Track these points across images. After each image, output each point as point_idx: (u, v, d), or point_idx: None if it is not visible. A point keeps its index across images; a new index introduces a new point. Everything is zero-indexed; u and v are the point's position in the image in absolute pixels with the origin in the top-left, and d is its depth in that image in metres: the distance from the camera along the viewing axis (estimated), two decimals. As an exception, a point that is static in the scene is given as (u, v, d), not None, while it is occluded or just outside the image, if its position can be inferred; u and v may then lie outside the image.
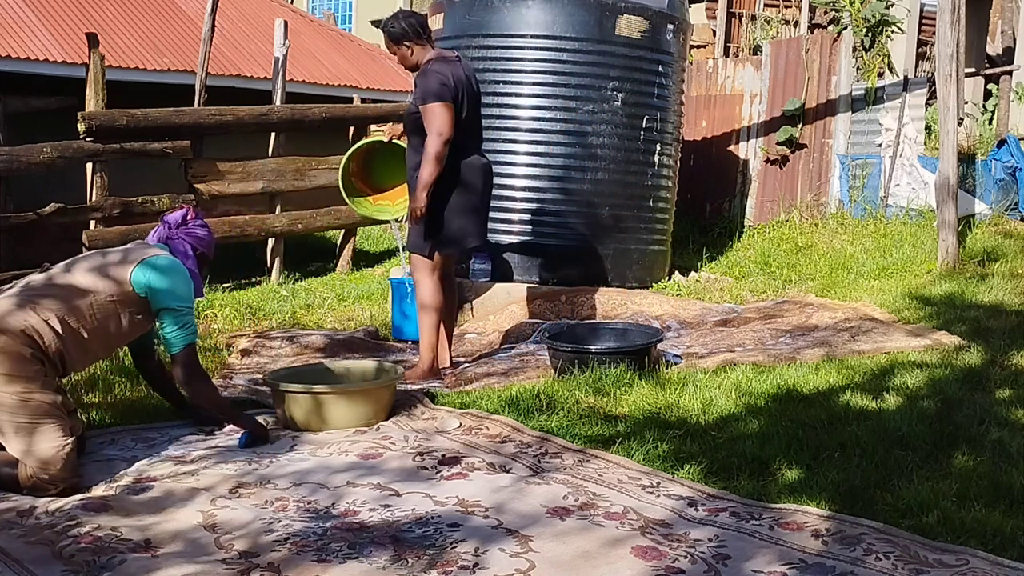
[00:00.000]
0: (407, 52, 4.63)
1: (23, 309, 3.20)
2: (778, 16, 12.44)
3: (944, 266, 6.47)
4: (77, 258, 3.55)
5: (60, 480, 3.08)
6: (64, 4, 9.39)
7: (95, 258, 3.50)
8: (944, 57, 6.64)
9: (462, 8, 6.58)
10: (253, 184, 7.43)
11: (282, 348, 5.30)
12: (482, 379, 4.56)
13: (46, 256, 6.38)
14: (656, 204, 6.79)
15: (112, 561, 2.56)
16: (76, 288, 3.34)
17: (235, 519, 2.86)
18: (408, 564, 2.54)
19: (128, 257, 3.46)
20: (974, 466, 3.15)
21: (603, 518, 2.84)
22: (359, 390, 3.91)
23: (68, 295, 3.30)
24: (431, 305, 4.70)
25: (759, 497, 2.97)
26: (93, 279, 3.37)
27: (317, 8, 20.85)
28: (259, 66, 10.08)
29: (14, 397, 3.09)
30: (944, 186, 6.64)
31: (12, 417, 3.10)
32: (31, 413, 3.11)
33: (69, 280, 3.37)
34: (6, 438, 3.13)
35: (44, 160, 6.26)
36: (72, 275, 3.39)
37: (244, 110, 7.43)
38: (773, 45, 9.38)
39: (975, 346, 4.65)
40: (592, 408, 3.88)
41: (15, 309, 3.20)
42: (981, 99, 11.03)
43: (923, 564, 2.49)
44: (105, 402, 4.17)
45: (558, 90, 6.39)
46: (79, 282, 3.36)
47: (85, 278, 3.37)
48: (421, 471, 3.28)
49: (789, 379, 4.21)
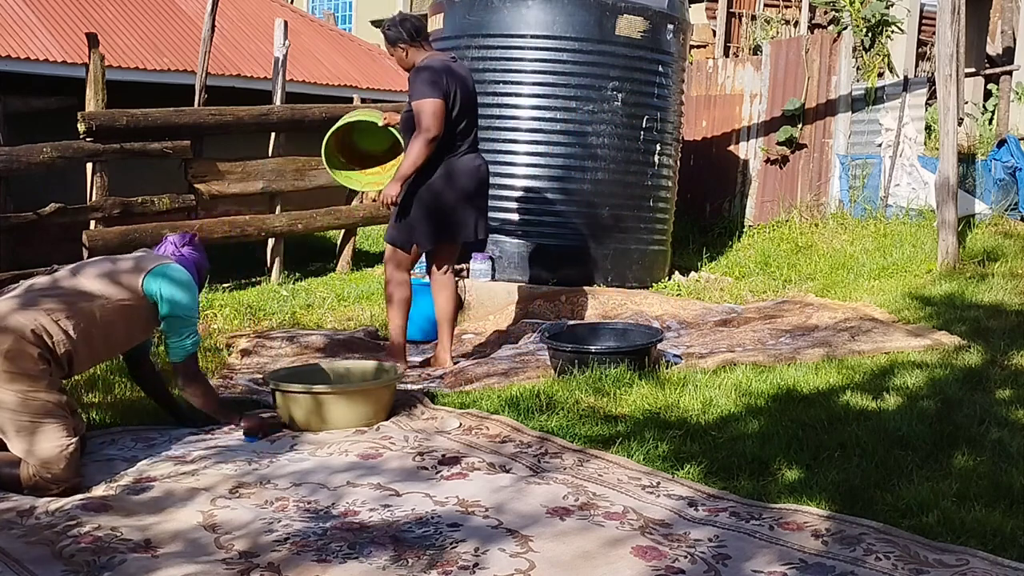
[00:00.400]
0: (403, 54, 4.80)
1: (31, 309, 3.22)
2: (778, 16, 12.44)
3: (944, 266, 6.47)
4: (85, 262, 3.60)
5: (62, 480, 3.09)
6: (64, 4, 9.40)
7: (105, 264, 3.55)
8: (944, 57, 6.64)
9: (462, 8, 6.58)
10: (253, 184, 7.43)
11: (282, 348, 5.30)
12: (482, 379, 4.56)
13: (46, 256, 6.39)
14: (656, 204, 6.79)
15: (112, 561, 2.56)
16: (85, 292, 3.37)
17: (235, 519, 2.86)
18: (408, 564, 2.54)
19: (140, 264, 3.53)
20: (974, 466, 3.15)
21: (603, 518, 2.84)
22: (359, 390, 3.91)
23: (76, 298, 3.33)
24: (395, 298, 4.89)
25: (759, 497, 2.97)
26: (103, 284, 3.41)
27: (317, 8, 20.85)
28: (259, 66, 10.08)
29: (17, 396, 3.10)
30: (944, 186, 6.64)
31: (14, 416, 3.10)
32: (34, 412, 3.11)
33: (77, 284, 3.40)
34: (8, 437, 3.13)
35: (44, 160, 6.26)
36: (80, 279, 3.42)
37: (244, 110, 7.43)
38: (773, 45, 9.38)
39: (975, 346, 4.65)
40: (592, 408, 3.88)
41: (22, 308, 3.21)
42: (981, 99, 11.03)
43: (923, 564, 2.49)
44: (105, 402, 4.17)
45: (558, 90, 6.40)
46: (88, 286, 3.39)
47: (95, 282, 3.41)
48: (421, 471, 3.28)
49: (789, 379, 4.21)
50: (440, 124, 4.56)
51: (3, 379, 3.09)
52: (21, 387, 3.10)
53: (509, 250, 6.41)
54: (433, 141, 4.57)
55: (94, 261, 3.61)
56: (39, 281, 3.43)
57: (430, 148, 4.58)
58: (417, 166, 4.60)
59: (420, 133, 4.55)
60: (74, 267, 3.53)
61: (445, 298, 4.97)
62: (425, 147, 4.56)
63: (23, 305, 3.23)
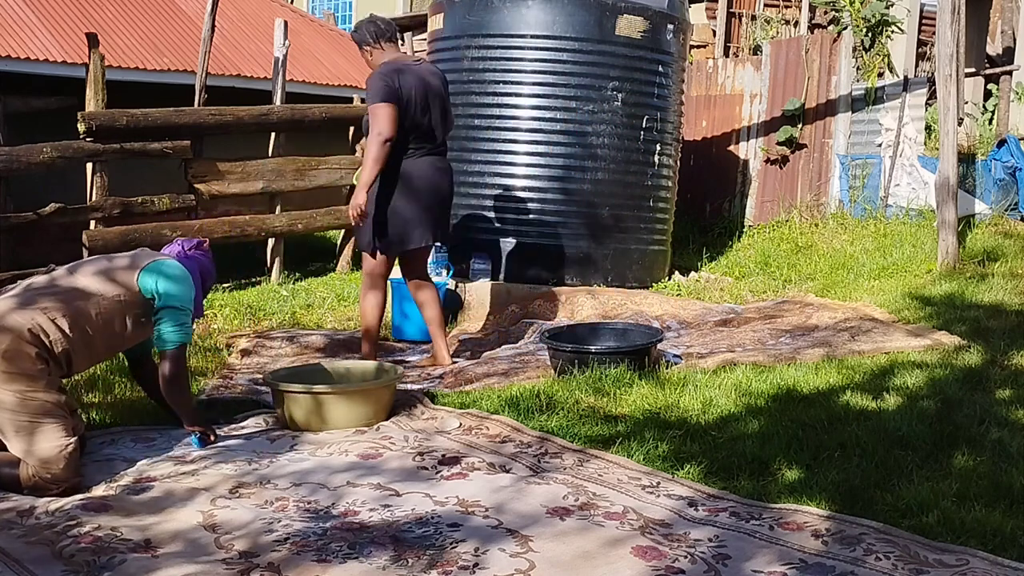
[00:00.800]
0: (368, 56, 4.87)
1: (29, 308, 3.22)
2: (778, 16, 12.43)
3: (944, 266, 6.47)
4: (82, 261, 3.60)
5: (62, 480, 3.09)
6: (64, 4, 9.40)
7: (101, 262, 3.55)
8: (944, 57, 6.63)
9: (462, 8, 6.58)
10: (253, 184, 7.43)
11: (282, 348, 5.30)
12: (482, 379, 4.56)
13: (46, 256, 6.39)
14: (656, 204, 6.79)
15: (112, 561, 2.56)
16: (82, 290, 3.37)
17: (235, 519, 2.86)
18: (408, 564, 2.54)
19: (136, 262, 3.53)
20: (974, 466, 3.15)
21: (603, 518, 2.84)
22: (359, 390, 3.91)
23: (73, 296, 3.33)
24: (365, 307, 4.86)
25: (759, 497, 2.97)
26: (99, 281, 3.41)
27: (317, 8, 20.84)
28: (259, 66, 10.09)
29: (15, 396, 3.10)
30: (944, 186, 6.64)
31: (13, 416, 3.10)
32: (33, 412, 3.11)
33: (74, 282, 3.40)
34: (7, 437, 3.13)
35: (44, 160, 6.26)
36: (77, 277, 3.43)
37: (244, 110, 7.43)
38: (773, 45, 9.38)
39: (975, 346, 4.65)
40: (592, 408, 3.88)
41: (19, 308, 3.22)
42: (981, 99, 11.03)
43: (923, 564, 2.49)
44: (105, 402, 4.17)
45: (558, 90, 6.39)
46: (85, 284, 3.39)
47: (91, 280, 3.41)
48: (421, 471, 3.28)
49: (789, 379, 4.21)
50: (391, 126, 4.54)
51: (1, 379, 3.09)
52: (19, 387, 3.10)
53: (509, 250, 6.40)
54: (387, 143, 4.55)
55: (91, 260, 3.61)
56: (37, 280, 3.43)
57: (384, 149, 4.55)
58: (376, 169, 4.57)
59: (372, 136, 4.56)
60: (71, 266, 3.54)
61: (423, 303, 4.97)
62: (379, 149, 4.53)
63: (20, 305, 3.23)
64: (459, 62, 6.56)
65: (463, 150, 6.44)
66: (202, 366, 4.85)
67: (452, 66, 6.59)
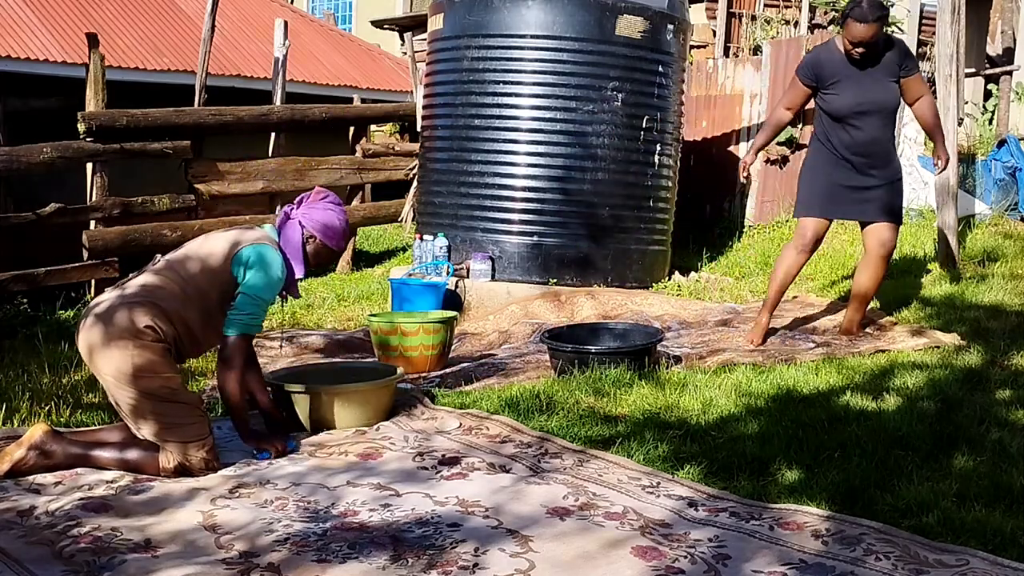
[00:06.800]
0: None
1: (147, 306, 3.29)
2: (778, 16, 12.43)
3: (944, 266, 6.46)
4: (180, 250, 3.54)
5: (212, 465, 3.28)
6: (64, 4, 9.40)
7: (201, 246, 3.51)
8: (944, 57, 6.63)
9: (462, 8, 6.58)
10: (253, 184, 7.43)
11: (282, 348, 5.30)
12: (482, 379, 4.56)
13: (46, 256, 6.39)
14: (656, 204, 6.79)
15: (112, 561, 2.56)
16: (187, 279, 3.40)
17: (235, 519, 2.86)
18: (408, 564, 2.54)
19: (231, 242, 3.47)
20: (974, 466, 3.15)
21: (603, 518, 2.84)
22: (359, 390, 3.90)
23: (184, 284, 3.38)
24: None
25: (759, 497, 2.97)
26: (199, 267, 3.43)
27: (317, 8, 20.85)
28: (259, 66, 10.09)
29: (164, 390, 3.24)
30: (944, 186, 6.64)
31: (160, 406, 3.24)
32: (177, 402, 3.27)
33: (178, 270, 3.42)
34: (143, 425, 3.25)
35: (44, 160, 6.26)
36: (180, 265, 3.44)
37: (244, 110, 7.43)
38: (773, 45, 9.38)
39: (975, 346, 4.65)
40: (592, 408, 3.88)
41: (138, 298, 3.30)
42: (981, 99, 11.02)
43: (923, 564, 2.49)
44: (105, 402, 4.16)
45: (558, 90, 6.39)
46: (189, 270, 3.42)
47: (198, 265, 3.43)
48: (421, 471, 3.28)
49: (789, 379, 4.21)
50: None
51: (136, 369, 3.20)
52: (153, 374, 3.23)
53: (509, 250, 6.41)
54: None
55: (187, 247, 3.55)
56: (148, 269, 3.46)
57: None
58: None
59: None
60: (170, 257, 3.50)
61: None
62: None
63: (139, 303, 3.30)
64: (459, 62, 6.56)
65: (463, 150, 6.45)
66: (202, 366, 4.85)
67: (452, 66, 6.60)
